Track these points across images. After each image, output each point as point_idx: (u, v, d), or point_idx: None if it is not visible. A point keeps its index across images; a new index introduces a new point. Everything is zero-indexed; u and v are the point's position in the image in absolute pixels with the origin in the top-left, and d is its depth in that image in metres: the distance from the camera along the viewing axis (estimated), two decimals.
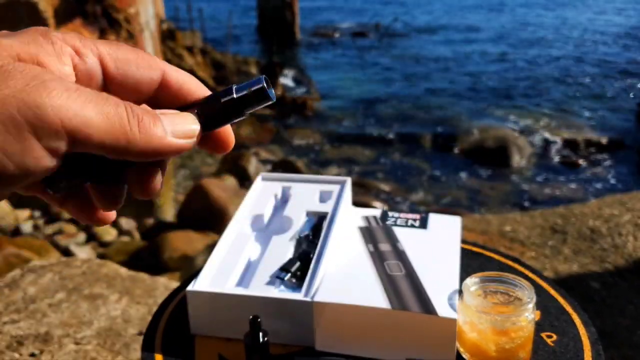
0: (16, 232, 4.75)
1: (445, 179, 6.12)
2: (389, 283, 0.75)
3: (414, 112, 8.02)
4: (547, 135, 6.95)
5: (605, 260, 1.20)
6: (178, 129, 0.32)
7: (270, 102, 0.34)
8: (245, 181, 5.91)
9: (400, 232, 0.87)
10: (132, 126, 0.30)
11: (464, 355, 0.72)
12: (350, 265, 0.80)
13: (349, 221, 0.90)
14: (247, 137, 7.31)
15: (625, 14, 14.30)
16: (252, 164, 6.40)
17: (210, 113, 0.34)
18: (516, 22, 13.50)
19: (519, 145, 6.55)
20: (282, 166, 6.44)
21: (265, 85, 0.33)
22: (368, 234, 0.88)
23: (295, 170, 6.19)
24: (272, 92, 0.34)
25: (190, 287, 0.75)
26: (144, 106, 0.32)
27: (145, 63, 0.34)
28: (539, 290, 0.83)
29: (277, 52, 10.44)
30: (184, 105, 0.35)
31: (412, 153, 6.77)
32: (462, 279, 0.74)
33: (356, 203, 0.96)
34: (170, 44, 7.02)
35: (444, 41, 11.95)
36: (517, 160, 6.37)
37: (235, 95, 0.33)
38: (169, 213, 5.53)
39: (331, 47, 11.78)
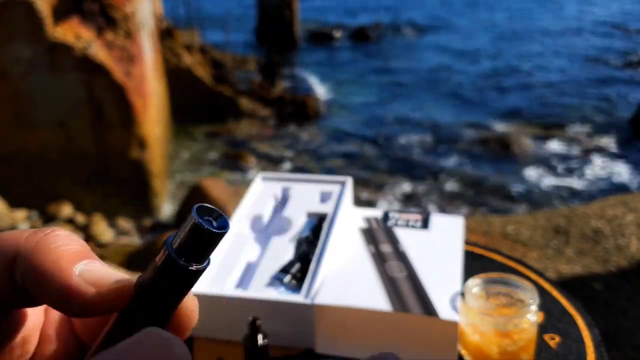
0: None
1: (448, 179, 6.11)
2: (390, 285, 0.74)
3: (415, 111, 8.02)
4: (550, 135, 6.94)
5: (608, 262, 1.20)
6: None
7: (223, 235, 0.22)
8: (244, 181, 5.90)
9: (401, 233, 0.86)
10: None
11: (465, 358, 0.71)
12: (350, 266, 0.79)
13: (350, 222, 0.89)
14: (246, 137, 7.30)
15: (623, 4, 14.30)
16: (252, 164, 6.40)
17: (148, 283, 0.23)
18: (519, 21, 13.50)
19: (522, 145, 6.54)
20: (282, 166, 6.44)
21: (198, 218, 0.22)
22: (369, 235, 0.87)
23: (295, 170, 6.18)
24: (223, 222, 0.22)
25: None
26: None
27: None
28: (541, 291, 0.82)
29: (276, 51, 10.43)
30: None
31: (413, 153, 6.76)
32: (465, 280, 0.73)
33: (357, 203, 0.95)
34: (168, 42, 7.01)
35: (446, 40, 11.95)
36: (520, 160, 6.36)
37: (168, 248, 0.22)
38: (167, 213, 5.52)
39: (331, 46, 11.77)
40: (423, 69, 9.98)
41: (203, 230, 0.22)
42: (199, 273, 0.23)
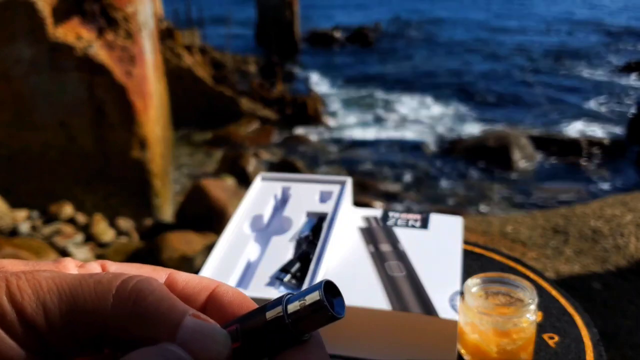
0: (14, 232, 4.74)
1: (447, 179, 6.11)
2: (389, 284, 0.75)
3: (415, 111, 8.03)
4: (549, 135, 6.93)
5: (606, 261, 1.20)
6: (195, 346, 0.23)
7: (335, 320, 0.23)
8: (244, 181, 5.90)
9: (401, 233, 0.87)
10: None
11: (465, 357, 0.72)
12: (350, 266, 0.80)
13: (350, 222, 0.90)
14: (246, 137, 7.31)
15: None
16: (252, 164, 6.39)
17: (251, 333, 0.24)
18: (522, 20, 13.49)
19: (521, 145, 6.53)
20: (282, 166, 6.43)
21: (323, 296, 0.23)
22: (368, 234, 0.87)
23: (295, 170, 6.18)
24: (340, 304, 0.24)
25: None
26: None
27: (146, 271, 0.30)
28: (540, 291, 0.82)
29: (276, 52, 10.43)
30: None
31: (413, 153, 6.76)
32: (464, 280, 0.74)
33: (357, 203, 0.95)
34: (169, 43, 7.02)
35: (444, 40, 11.95)
36: (519, 160, 6.34)
37: (284, 310, 0.24)
38: (167, 213, 5.52)
39: (331, 46, 11.78)
40: (423, 68, 9.98)
41: (327, 313, 0.23)
42: (300, 341, 0.24)
